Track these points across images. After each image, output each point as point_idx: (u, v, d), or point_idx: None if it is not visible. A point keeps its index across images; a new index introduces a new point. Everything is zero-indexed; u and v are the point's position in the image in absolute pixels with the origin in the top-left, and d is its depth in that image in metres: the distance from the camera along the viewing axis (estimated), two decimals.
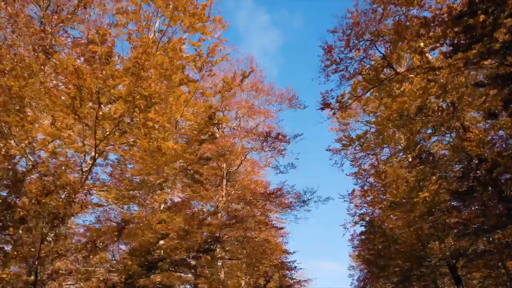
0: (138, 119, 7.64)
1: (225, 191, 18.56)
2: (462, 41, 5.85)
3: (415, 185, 15.05)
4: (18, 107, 6.48)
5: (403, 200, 16.03)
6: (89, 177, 9.14)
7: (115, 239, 6.89)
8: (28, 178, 5.69)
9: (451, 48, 6.52)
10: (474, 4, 5.26)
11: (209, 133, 9.19)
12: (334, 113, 18.83)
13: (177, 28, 14.16)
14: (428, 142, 16.96)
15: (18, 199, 4.95)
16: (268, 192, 18.92)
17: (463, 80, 13.09)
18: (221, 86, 11.86)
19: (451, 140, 15.58)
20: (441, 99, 13.65)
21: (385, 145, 23.59)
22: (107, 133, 7.53)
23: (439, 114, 12.04)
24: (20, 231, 4.93)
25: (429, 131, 16.95)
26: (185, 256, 8.64)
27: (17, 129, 6.85)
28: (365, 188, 23.35)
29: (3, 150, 5.69)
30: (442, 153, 15.91)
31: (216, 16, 14.19)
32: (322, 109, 16.90)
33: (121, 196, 10.04)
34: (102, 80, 6.87)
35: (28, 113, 7.18)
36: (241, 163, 18.43)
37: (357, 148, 24.52)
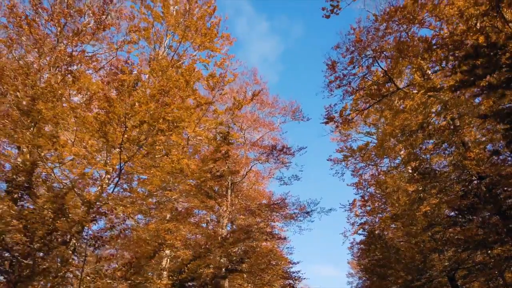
0: (160, 141, 8.09)
1: (230, 201, 18.97)
2: (466, 79, 6.37)
3: (416, 198, 15.51)
4: (52, 132, 6.91)
5: (404, 212, 16.48)
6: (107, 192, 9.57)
7: (151, 260, 7.30)
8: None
9: (456, 84, 7.02)
10: (478, 48, 5.79)
11: (223, 152, 9.64)
12: (337, 126, 19.38)
13: (187, 45, 14.70)
14: (428, 155, 17.46)
15: (58, 222, 5.36)
16: (271, 202, 19.35)
17: (463, 98, 13.62)
18: (232, 104, 12.30)
19: (451, 154, 16.06)
20: (441, 116, 14.17)
21: (385, 156, 24.07)
22: (131, 154, 7.96)
23: (441, 132, 12.54)
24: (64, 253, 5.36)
25: (431, 142, 17.45)
26: (210, 276, 9.03)
27: (50, 152, 7.27)
28: (366, 197, 23.88)
29: (42, 174, 6.12)
30: (442, 168, 16.36)
31: (224, 33, 14.77)
32: (326, 123, 17.43)
33: (137, 210, 10.47)
34: (130, 106, 7.34)
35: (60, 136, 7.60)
36: (246, 174, 18.87)
37: (358, 158, 25.05)
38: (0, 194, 7.30)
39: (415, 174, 17.37)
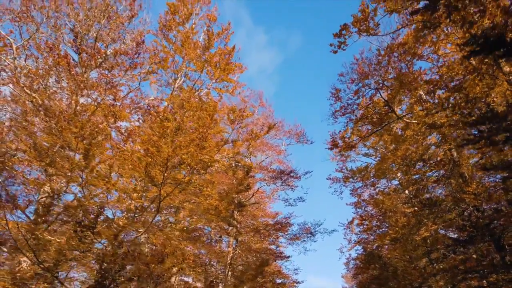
0: (195, 178, 8.96)
1: (236, 220, 19.76)
2: (472, 138, 7.41)
3: (415, 223, 16.47)
4: (107, 175, 7.74)
5: (404, 235, 17.42)
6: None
7: None
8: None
9: (463, 142, 8.05)
10: (483, 116, 6.82)
11: (246, 184, 10.52)
12: (340, 150, 20.45)
13: (203, 75, 15.65)
14: (425, 180, 18.50)
15: (126, 260, 6.17)
16: (276, 222, 20.21)
17: (460, 132, 14.70)
18: (249, 135, 13.18)
19: (449, 180, 17.10)
20: (440, 148, 15.23)
21: (383, 177, 25.15)
22: (170, 190, 8.81)
23: (441, 166, 13.57)
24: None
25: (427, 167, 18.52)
26: None
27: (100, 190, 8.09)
28: (363, 215, 24.93)
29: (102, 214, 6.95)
30: (440, 193, 17.38)
31: (237, 62, 15.78)
32: (331, 149, 18.54)
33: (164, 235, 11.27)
34: (172, 149, 8.22)
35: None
36: (253, 195, 19.69)
37: (357, 179, 26.11)
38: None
39: (413, 199, 18.41)
